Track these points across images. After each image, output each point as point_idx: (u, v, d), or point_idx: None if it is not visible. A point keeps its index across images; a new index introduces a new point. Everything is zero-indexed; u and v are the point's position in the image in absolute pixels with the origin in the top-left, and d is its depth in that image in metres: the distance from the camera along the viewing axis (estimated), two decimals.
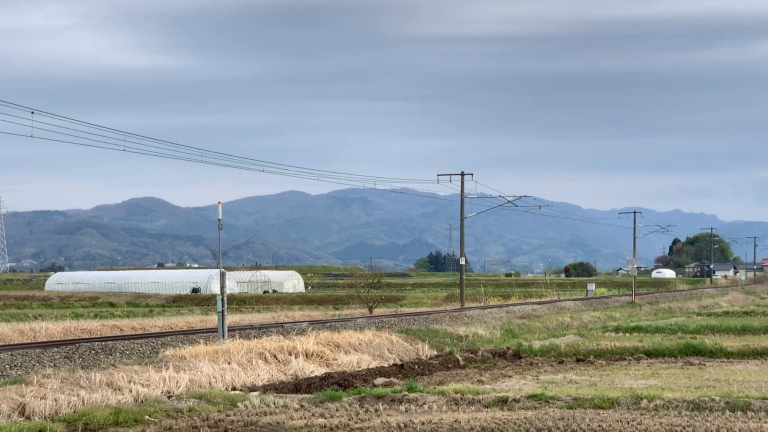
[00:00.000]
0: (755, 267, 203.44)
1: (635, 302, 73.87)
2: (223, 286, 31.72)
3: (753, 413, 19.60)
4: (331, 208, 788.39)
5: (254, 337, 31.50)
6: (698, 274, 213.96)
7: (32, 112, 35.02)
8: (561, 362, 32.99)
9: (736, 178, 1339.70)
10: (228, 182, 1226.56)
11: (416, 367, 30.65)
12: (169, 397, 22.11)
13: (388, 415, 19.76)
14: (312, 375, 27.20)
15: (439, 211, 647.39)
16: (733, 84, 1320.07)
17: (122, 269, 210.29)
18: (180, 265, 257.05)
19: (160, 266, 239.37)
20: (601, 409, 20.35)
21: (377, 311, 64.80)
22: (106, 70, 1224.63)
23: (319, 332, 33.43)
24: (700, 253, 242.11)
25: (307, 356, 28.94)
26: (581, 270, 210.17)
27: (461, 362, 32.75)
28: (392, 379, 27.20)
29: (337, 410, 20.44)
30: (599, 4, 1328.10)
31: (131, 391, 21.77)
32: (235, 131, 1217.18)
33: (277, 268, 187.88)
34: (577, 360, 33.51)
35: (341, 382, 25.78)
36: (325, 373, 27.18)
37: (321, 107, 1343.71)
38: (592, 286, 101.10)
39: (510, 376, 28.74)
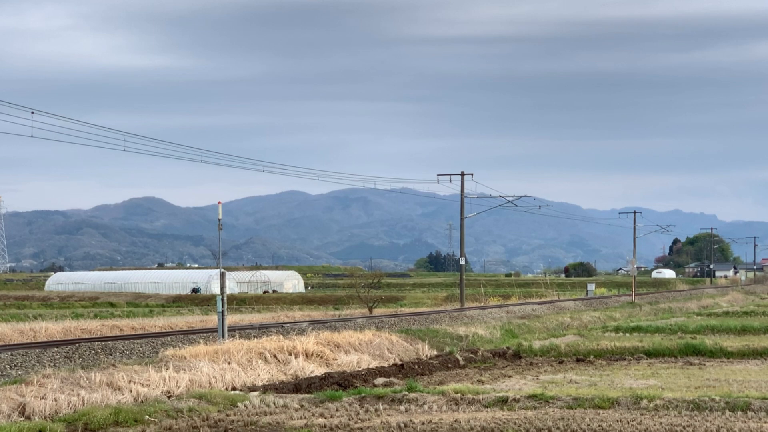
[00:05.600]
0: (755, 267, 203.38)
1: (635, 302, 73.86)
2: (223, 286, 31.73)
3: (753, 413, 19.60)
4: (331, 208, 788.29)
5: (254, 337, 31.50)
6: (698, 274, 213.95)
7: (32, 112, 35.03)
8: (561, 362, 32.99)
9: (735, 178, 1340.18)
10: (228, 182, 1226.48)
11: (416, 367, 30.65)
12: (169, 397, 22.11)
13: (388, 415, 19.76)
14: (312, 375, 27.20)
15: (439, 211, 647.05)
16: (732, 84, 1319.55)
17: (122, 269, 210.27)
18: (180, 265, 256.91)
19: (160, 266, 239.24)
20: (601, 409, 20.35)
21: (377, 311, 64.79)
22: (106, 71, 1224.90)
23: (319, 332, 33.43)
24: (700, 253, 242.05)
25: (307, 356, 28.94)
26: (581, 270, 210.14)
27: (461, 362, 32.75)
28: (392, 379, 27.20)
29: (337, 410, 20.44)
30: (598, 5, 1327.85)
31: (131, 391, 21.77)
32: (235, 131, 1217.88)
33: (277, 268, 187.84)
34: (577, 360, 33.51)
35: (341, 382, 25.78)
36: (325, 373, 27.18)
37: (321, 107, 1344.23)
38: (592, 286, 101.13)
39: (510, 376, 28.74)
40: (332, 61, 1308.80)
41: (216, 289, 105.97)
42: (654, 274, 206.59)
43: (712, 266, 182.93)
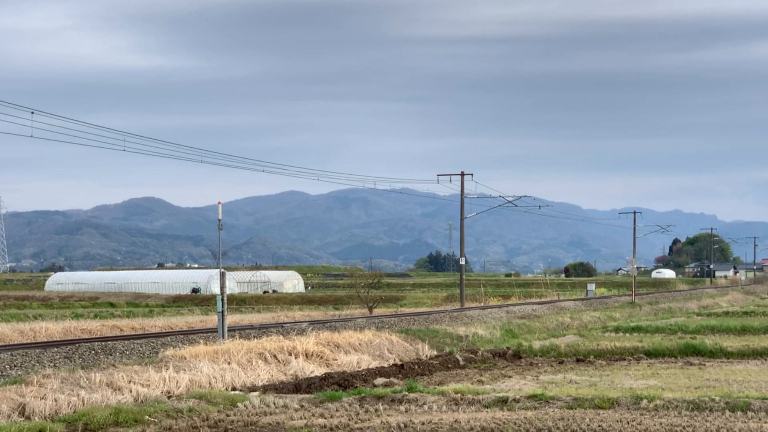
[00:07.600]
0: (755, 267, 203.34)
1: (635, 302, 73.85)
2: (223, 286, 31.72)
3: (753, 413, 19.60)
4: (331, 208, 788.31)
5: (254, 337, 31.49)
6: (698, 274, 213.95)
7: (32, 112, 35.03)
8: (561, 362, 32.98)
9: (735, 178, 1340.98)
10: (228, 182, 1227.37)
11: (416, 367, 30.64)
12: (169, 397, 22.11)
13: (388, 416, 19.76)
14: (312, 375, 27.19)
15: (439, 211, 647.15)
16: (732, 84, 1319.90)
17: (122, 269, 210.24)
18: (180, 266, 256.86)
19: (160, 266, 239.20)
20: (601, 409, 20.35)
21: (377, 311, 64.77)
22: (106, 71, 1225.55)
23: (319, 332, 33.42)
24: (700, 253, 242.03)
25: (307, 356, 28.93)
26: (581, 270, 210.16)
27: (461, 362, 32.74)
28: (392, 379, 27.19)
29: (337, 410, 20.44)
30: (598, 5, 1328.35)
31: (131, 391, 21.77)
32: (235, 131, 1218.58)
33: (277, 268, 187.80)
34: (577, 360, 33.50)
35: (341, 382, 25.77)
36: (325, 373, 27.17)
37: (321, 107, 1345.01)
38: (592, 286, 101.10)
39: (510, 377, 28.73)
40: (332, 61, 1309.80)
41: (216, 289, 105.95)
42: (654, 274, 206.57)
43: (712, 266, 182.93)
